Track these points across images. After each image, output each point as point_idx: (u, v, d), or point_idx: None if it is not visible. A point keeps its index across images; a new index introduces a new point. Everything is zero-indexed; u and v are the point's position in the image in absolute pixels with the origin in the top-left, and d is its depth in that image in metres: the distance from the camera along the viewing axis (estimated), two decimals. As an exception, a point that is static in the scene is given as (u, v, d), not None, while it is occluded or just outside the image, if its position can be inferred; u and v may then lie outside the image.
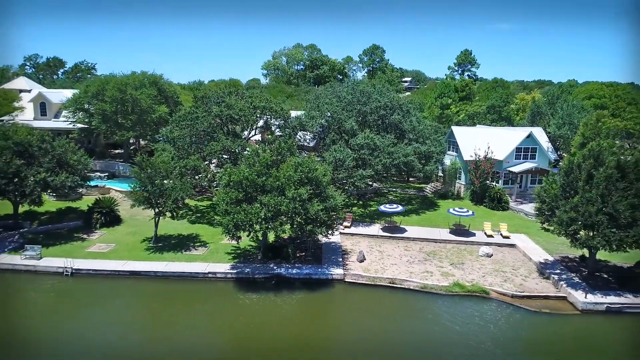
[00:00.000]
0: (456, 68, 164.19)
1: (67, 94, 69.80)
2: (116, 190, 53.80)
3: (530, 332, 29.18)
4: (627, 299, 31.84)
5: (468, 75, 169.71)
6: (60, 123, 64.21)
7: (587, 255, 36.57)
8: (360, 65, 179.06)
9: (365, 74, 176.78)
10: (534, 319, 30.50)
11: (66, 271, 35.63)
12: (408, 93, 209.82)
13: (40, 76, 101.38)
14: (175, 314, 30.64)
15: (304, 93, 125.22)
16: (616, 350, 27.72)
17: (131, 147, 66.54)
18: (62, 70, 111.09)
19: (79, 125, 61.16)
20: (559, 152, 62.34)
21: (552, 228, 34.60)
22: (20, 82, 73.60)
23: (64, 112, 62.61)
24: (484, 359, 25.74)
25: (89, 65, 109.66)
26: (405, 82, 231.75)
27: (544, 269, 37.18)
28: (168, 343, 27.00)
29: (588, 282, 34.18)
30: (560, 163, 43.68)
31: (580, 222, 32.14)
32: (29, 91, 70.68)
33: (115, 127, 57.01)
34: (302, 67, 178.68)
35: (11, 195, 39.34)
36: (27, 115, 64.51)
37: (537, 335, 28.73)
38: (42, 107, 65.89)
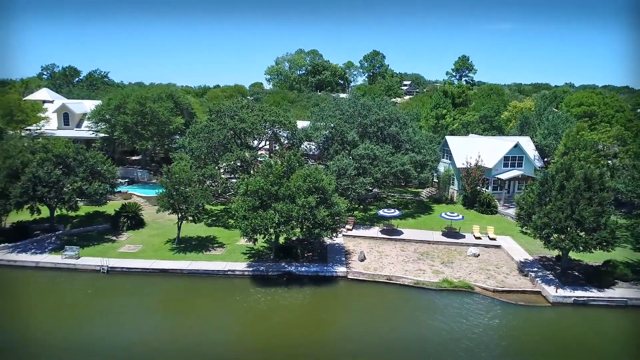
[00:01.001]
0: (454, 74, 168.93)
1: (87, 104, 74.84)
2: (137, 196, 58.72)
3: (505, 320, 34.03)
4: (592, 293, 36.74)
5: (465, 80, 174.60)
6: (83, 132, 69.19)
7: (561, 255, 41.45)
8: (361, 70, 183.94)
9: (366, 79, 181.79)
10: (509, 310, 35.41)
11: (102, 269, 40.57)
12: (407, 97, 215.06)
13: (57, 85, 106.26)
14: (201, 306, 35.56)
15: (306, 99, 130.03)
16: (578, 336, 32.60)
17: (148, 155, 71.40)
18: (76, 79, 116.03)
19: (101, 135, 66.10)
20: (545, 160, 67.16)
21: (529, 231, 39.55)
22: (43, 93, 78.58)
23: (87, 123, 67.52)
24: (462, 341, 30.60)
25: (102, 73, 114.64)
26: (405, 85, 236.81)
27: (523, 267, 42.06)
28: (197, 330, 31.94)
29: (560, 279, 39.09)
30: (548, 170, 48.33)
31: (552, 227, 37.05)
32: (52, 102, 75.64)
33: (135, 137, 61.94)
34: (304, 71, 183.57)
35: (52, 202, 44.24)
36: (51, 125, 69.49)
37: (510, 323, 33.59)
38: (65, 118, 70.87)
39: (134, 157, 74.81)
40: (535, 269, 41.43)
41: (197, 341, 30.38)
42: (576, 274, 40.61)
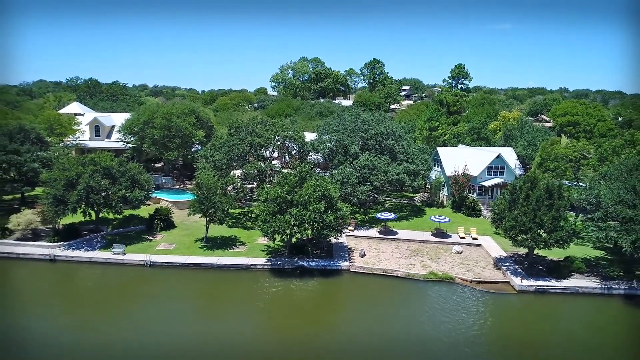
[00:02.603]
0: (450, 81, 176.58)
1: (114, 117, 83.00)
2: (165, 200, 66.78)
3: (476, 303, 42.09)
4: (550, 283, 44.82)
5: (461, 87, 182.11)
6: (112, 143, 77.36)
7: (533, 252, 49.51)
8: (362, 77, 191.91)
9: (366, 86, 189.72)
10: (481, 296, 43.49)
11: (146, 263, 48.69)
12: (406, 101, 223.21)
13: (81, 97, 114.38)
14: (231, 292, 43.72)
15: (310, 107, 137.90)
16: (534, 316, 40.69)
17: (170, 163, 79.54)
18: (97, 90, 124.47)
19: (130, 145, 74.23)
20: (527, 168, 75.22)
21: (500, 232, 47.64)
22: (74, 107, 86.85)
23: (117, 135, 75.68)
24: (439, 318, 38.66)
25: (122, 84, 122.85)
26: (404, 90, 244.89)
27: (498, 263, 50.12)
28: (230, 310, 40.09)
29: (526, 272, 47.18)
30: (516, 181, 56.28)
31: (518, 228, 45.15)
32: (82, 114, 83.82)
33: (162, 148, 70.08)
34: (307, 78, 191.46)
35: (101, 207, 52.36)
36: (84, 136, 77.66)
37: (480, 306, 41.67)
38: (96, 130, 79.05)
39: (156, 165, 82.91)
40: (507, 264, 49.51)
41: (230, 319, 38.55)
42: (540, 267, 48.69)
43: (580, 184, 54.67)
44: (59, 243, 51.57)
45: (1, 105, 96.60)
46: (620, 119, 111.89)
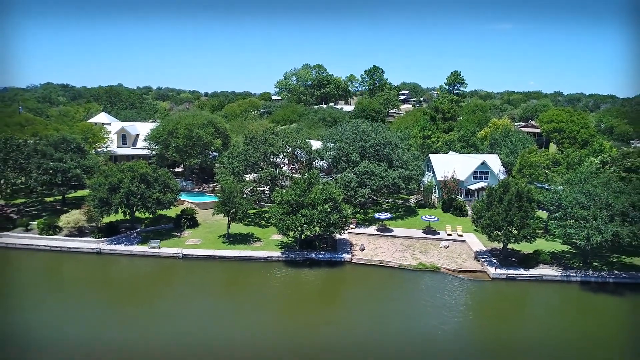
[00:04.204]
0: (447, 87, 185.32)
1: (138, 126, 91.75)
2: (188, 202, 75.49)
3: (457, 288, 50.78)
4: (519, 272, 53.49)
5: (457, 93, 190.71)
6: (138, 150, 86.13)
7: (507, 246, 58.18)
8: (362, 83, 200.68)
9: (367, 91, 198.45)
10: (461, 282, 52.20)
11: (179, 256, 57.43)
12: (405, 105, 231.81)
13: (103, 106, 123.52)
14: (252, 279, 52.43)
15: (314, 113, 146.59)
16: (503, 297, 49.39)
17: (189, 168, 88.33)
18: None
19: (154, 152, 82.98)
20: (510, 172, 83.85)
21: (479, 229, 56.35)
22: (102, 117, 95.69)
23: (143, 143, 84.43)
24: (425, 299, 47.35)
25: (141, 89, 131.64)
26: (403, 95, 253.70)
27: (478, 255, 58.78)
28: (253, 292, 48.86)
29: (500, 263, 55.85)
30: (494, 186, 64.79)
31: (492, 226, 53.83)
32: (109, 124, 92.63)
33: (184, 156, 78.87)
34: (309, 83, 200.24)
35: (138, 208, 61.08)
36: (113, 144, 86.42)
37: (458, 289, 50.36)
38: (123, 138, 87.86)
39: (177, 170, 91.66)
40: (486, 256, 58.20)
41: (252, 298, 47.36)
42: (513, 259, 57.37)
43: (553, 186, 63.24)
44: (102, 238, 60.37)
45: (28, 113, 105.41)
46: (602, 125, 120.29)
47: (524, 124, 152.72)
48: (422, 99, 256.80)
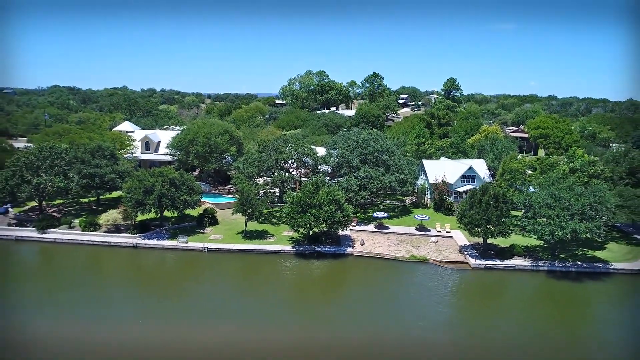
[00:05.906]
0: (443, 93, 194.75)
1: (160, 134, 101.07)
2: (208, 203, 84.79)
3: (442, 275, 60.09)
4: (496, 262, 62.80)
5: (454, 97, 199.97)
6: (160, 156, 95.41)
7: (487, 241, 67.51)
8: (363, 89, 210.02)
9: (366, 97, 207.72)
10: (446, 271, 61.54)
11: (204, 249, 66.80)
12: (404, 109, 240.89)
13: (123, 111, 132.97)
14: (268, 267, 61.80)
15: (317, 119, 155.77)
16: (481, 284, 58.75)
17: (206, 172, 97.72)
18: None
19: (175, 158, 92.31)
20: (494, 176, 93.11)
21: (462, 226, 65.70)
22: (126, 125, 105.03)
23: (165, 150, 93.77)
24: (414, 283, 56.68)
25: (147, 92, 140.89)
26: (402, 99, 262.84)
27: (462, 249, 68.08)
28: (270, 278, 58.24)
29: (480, 255, 65.16)
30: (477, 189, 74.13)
31: (473, 224, 63.15)
32: (133, 132, 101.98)
33: (203, 161, 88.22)
34: (312, 89, 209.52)
35: (168, 208, 70.41)
36: (137, 150, 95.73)
37: (441, 276, 59.69)
38: (146, 145, 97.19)
39: (194, 173, 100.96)
40: (468, 250, 67.52)
41: (270, 281, 56.73)
42: (491, 252, 66.69)
43: (530, 189, 72.44)
44: (137, 234, 69.74)
45: (65, 124, 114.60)
46: (586, 131, 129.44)
47: (515, 128, 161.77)
48: (420, 102, 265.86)
